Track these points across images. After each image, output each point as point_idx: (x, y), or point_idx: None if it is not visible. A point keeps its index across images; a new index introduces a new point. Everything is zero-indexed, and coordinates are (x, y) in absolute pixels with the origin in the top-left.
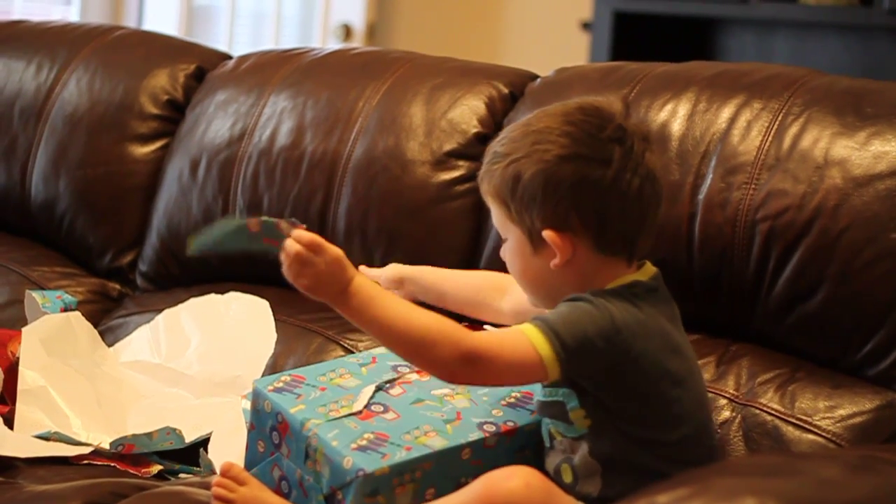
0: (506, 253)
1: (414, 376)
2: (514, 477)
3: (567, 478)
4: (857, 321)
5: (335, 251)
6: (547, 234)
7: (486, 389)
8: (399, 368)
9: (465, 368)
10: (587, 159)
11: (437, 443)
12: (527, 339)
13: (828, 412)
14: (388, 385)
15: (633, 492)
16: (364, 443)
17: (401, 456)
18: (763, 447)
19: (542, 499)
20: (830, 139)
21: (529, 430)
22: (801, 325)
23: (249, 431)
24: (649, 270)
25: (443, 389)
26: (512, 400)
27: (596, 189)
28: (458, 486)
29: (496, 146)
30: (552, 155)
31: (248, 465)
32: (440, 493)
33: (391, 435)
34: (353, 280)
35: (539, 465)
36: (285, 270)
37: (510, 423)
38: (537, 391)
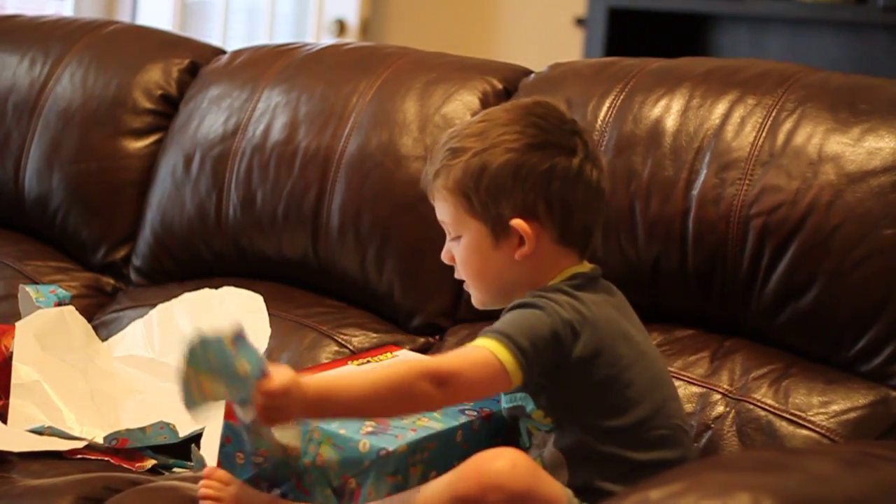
0: (456, 251)
1: None
2: (501, 457)
3: None
4: (850, 317)
5: (277, 387)
6: (516, 222)
7: None
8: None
9: (441, 390)
10: (556, 147)
11: (435, 425)
12: (487, 350)
13: (821, 408)
14: None
15: (598, 480)
16: (370, 429)
17: (410, 436)
18: (757, 442)
19: (527, 478)
20: (824, 135)
21: (501, 416)
22: (794, 320)
23: (223, 446)
24: (587, 265)
25: None
26: (470, 403)
27: (564, 177)
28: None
29: (449, 144)
30: (521, 143)
31: None
32: (441, 475)
33: (390, 422)
34: (305, 395)
35: None
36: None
37: (486, 409)
38: (502, 400)
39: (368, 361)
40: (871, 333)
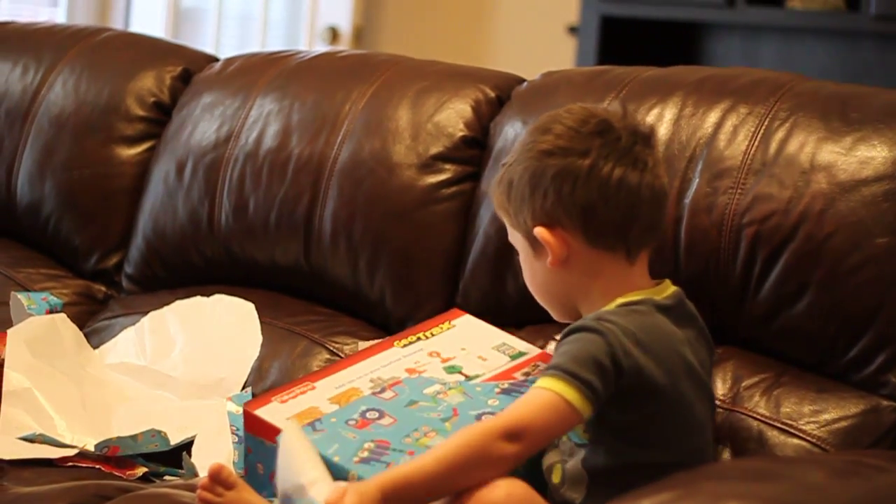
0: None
1: (404, 375)
2: (497, 488)
3: (556, 478)
4: (842, 326)
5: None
6: (538, 231)
7: (481, 377)
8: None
9: (516, 446)
10: (567, 151)
11: (438, 443)
12: (551, 392)
13: (813, 416)
14: (379, 390)
15: None
16: (366, 454)
17: (405, 462)
18: (748, 451)
19: None
20: (816, 144)
21: None
22: (786, 329)
23: (246, 455)
24: (666, 289)
25: (434, 387)
26: (506, 386)
27: (574, 178)
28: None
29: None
30: (535, 151)
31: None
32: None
33: (391, 441)
34: (376, 488)
35: (537, 455)
36: None
37: None
38: None
39: (419, 338)
40: (863, 342)
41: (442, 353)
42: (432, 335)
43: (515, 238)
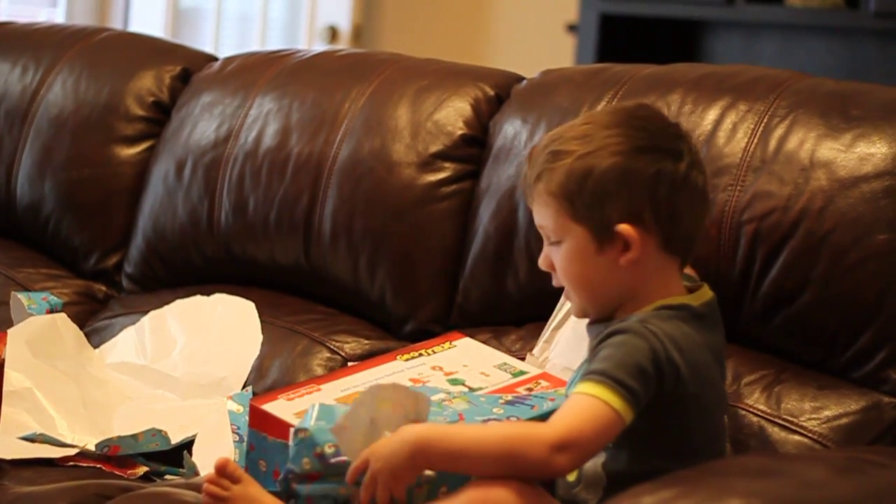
0: (556, 257)
1: (408, 384)
2: (507, 485)
3: (571, 477)
4: (842, 323)
5: (380, 450)
6: (623, 227)
7: (484, 390)
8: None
9: (562, 457)
10: (663, 151)
11: None
12: (597, 400)
13: (814, 413)
14: None
15: None
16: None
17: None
18: (749, 448)
19: None
20: (816, 141)
21: None
22: (786, 326)
23: (248, 453)
24: (704, 295)
25: (439, 395)
26: (510, 398)
27: (671, 183)
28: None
29: (551, 147)
30: (628, 147)
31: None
32: (452, 491)
33: None
34: (413, 442)
35: None
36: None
37: (513, 419)
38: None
39: (421, 354)
40: (863, 339)
41: (444, 367)
42: (434, 352)
43: (568, 229)
